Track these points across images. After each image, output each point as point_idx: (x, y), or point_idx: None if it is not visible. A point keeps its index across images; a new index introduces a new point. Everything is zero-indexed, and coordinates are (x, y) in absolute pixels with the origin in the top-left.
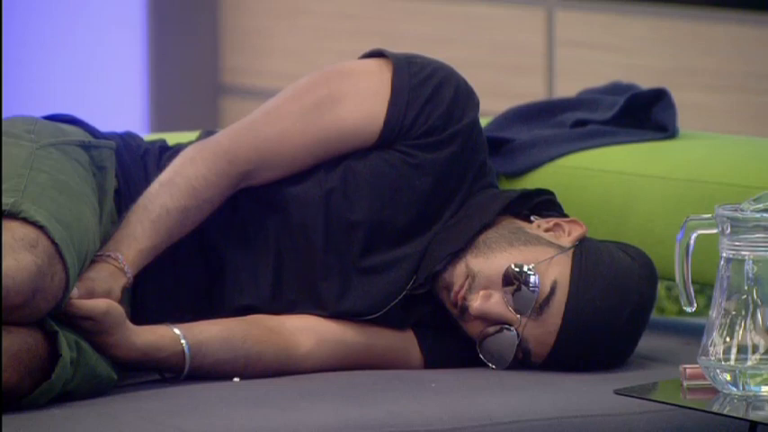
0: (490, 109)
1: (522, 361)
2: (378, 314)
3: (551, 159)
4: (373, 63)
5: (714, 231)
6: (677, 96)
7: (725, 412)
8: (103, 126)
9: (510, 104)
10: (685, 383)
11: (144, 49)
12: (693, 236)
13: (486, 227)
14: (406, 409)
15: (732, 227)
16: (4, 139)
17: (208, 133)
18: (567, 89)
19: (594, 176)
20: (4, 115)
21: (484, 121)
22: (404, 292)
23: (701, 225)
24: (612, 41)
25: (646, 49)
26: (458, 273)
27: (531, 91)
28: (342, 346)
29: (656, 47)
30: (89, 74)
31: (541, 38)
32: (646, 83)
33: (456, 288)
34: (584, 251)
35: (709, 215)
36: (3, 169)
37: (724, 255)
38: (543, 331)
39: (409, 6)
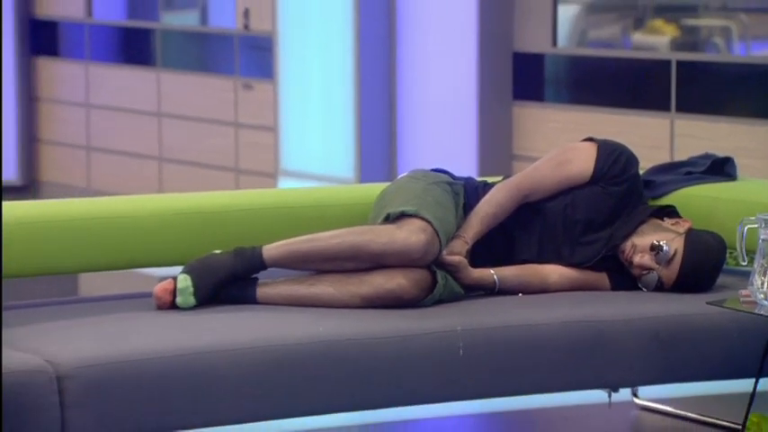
0: (642, 166)
1: (659, 287)
2: (590, 263)
3: (673, 191)
4: (587, 144)
5: (756, 226)
6: (740, 161)
7: (762, 313)
8: (457, 172)
9: (652, 164)
10: (742, 299)
11: (475, 136)
12: (746, 228)
13: (641, 223)
14: (603, 309)
15: (764, 224)
16: (412, 181)
17: (506, 177)
18: (681, 157)
19: (695, 199)
20: (409, 169)
21: (641, 172)
22: (601, 254)
23: (750, 222)
24: (707, 134)
25: (728, 139)
26: (628, 245)
27: (662, 158)
28: (570, 280)
29: (733, 138)
30: (450, 143)
31: (667, 134)
32: (723, 153)
33: (627, 252)
34: (691, 235)
35: (754, 217)
36: (405, 195)
37: (761, 237)
38: (670, 273)
39: (601, 117)
